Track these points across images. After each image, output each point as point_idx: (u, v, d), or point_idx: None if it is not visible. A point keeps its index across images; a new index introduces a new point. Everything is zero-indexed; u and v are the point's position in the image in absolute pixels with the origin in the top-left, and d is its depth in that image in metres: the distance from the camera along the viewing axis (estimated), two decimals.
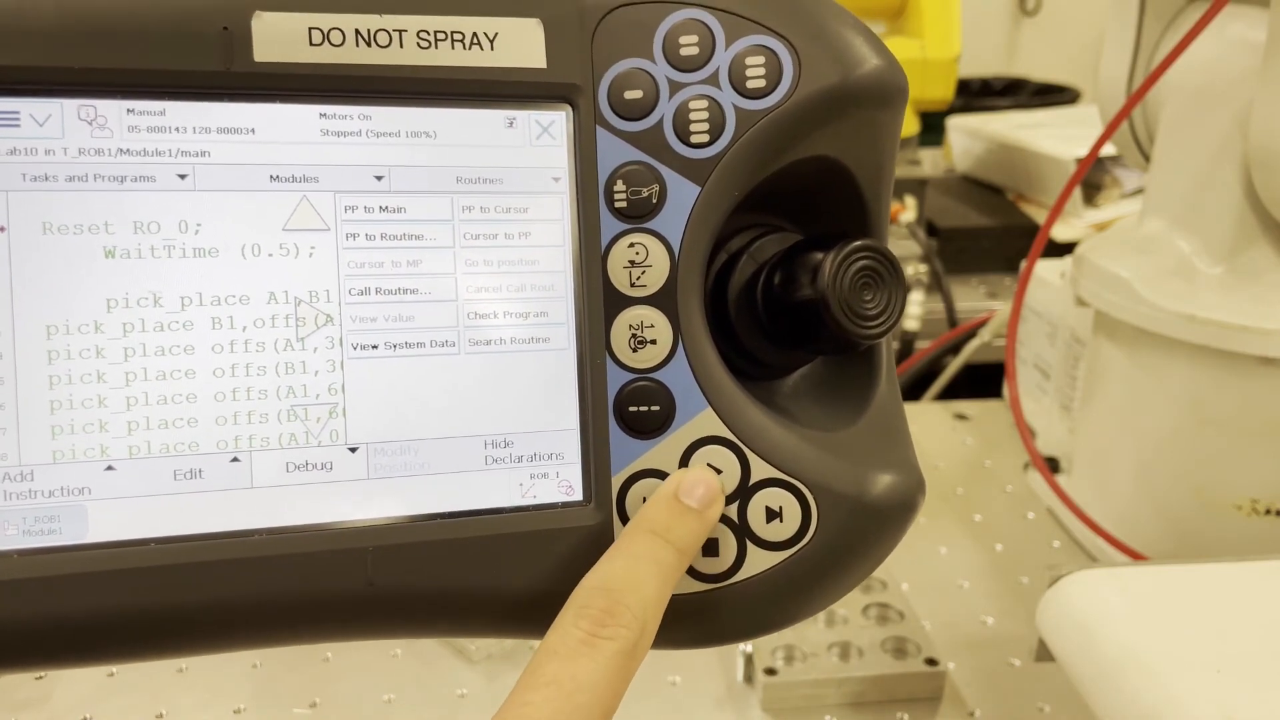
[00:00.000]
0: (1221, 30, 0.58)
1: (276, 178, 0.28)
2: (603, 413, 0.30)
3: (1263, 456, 0.58)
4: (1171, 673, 0.40)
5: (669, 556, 0.28)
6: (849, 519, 0.30)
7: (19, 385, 0.26)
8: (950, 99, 1.12)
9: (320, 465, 0.28)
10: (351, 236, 0.28)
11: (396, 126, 0.29)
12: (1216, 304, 0.57)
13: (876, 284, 0.30)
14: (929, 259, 1.02)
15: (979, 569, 0.68)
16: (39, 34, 0.26)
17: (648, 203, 0.29)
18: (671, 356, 0.30)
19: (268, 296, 0.28)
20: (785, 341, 0.32)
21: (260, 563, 0.27)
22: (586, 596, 0.27)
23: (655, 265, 0.29)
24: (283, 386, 0.28)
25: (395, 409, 0.29)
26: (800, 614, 0.31)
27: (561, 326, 0.30)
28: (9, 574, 0.26)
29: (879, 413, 0.32)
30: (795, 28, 0.29)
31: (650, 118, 0.29)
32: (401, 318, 0.29)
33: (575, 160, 0.30)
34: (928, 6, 1.10)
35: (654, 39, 0.29)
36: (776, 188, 0.31)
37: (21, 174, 0.26)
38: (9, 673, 0.28)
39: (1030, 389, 0.78)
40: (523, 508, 0.30)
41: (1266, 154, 0.55)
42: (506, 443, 0.30)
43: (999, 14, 2.07)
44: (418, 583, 0.28)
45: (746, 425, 0.30)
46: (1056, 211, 0.62)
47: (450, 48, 0.28)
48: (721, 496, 0.30)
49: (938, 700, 0.55)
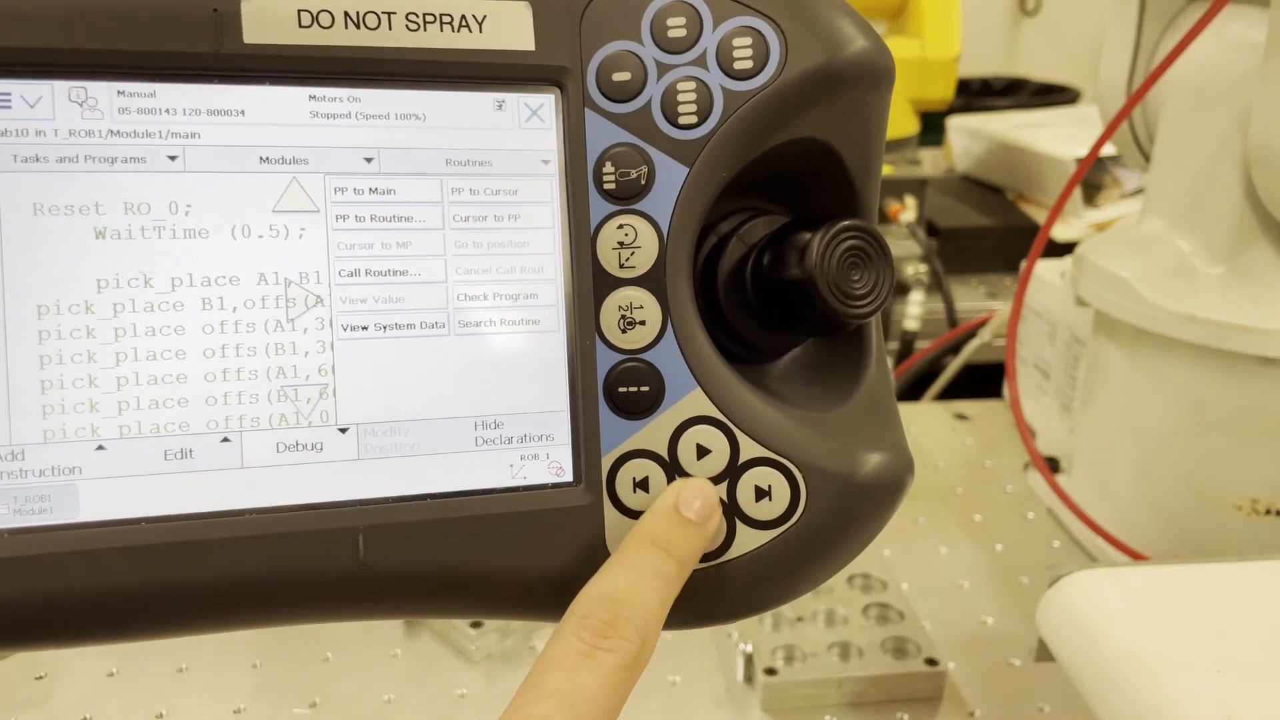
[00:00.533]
0: (1221, 30, 0.58)
1: (266, 159, 0.28)
2: (593, 394, 0.30)
3: (1263, 456, 0.58)
4: (1171, 673, 0.40)
5: (670, 569, 0.29)
6: (838, 498, 0.30)
7: (9, 365, 0.27)
8: (950, 99, 1.12)
9: (311, 445, 0.28)
10: (341, 218, 0.29)
11: (386, 109, 0.29)
12: (1216, 304, 0.57)
13: (864, 263, 0.30)
14: (929, 259, 1.02)
15: (979, 569, 0.68)
16: (31, 16, 0.26)
17: (636, 184, 0.29)
18: (661, 337, 0.30)
19: (258, 277, 0.28)
20: (774, 323, 0.32)
21: (250, 542, 0.28)
22: (588, 607, 0.27)
23: (644, 246, 0.30)
24: (273, 367, 0.28)
25: (386, 390, 0.29)
26: (790, 593, 0.31)
27: (551, 308, 0.30)
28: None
29: (868, 394, 0.32)
30: (782, 9, 0.30)
31: (639, 99, 0.29)
32: (391, 299, 0.29)
33: (564, 142, 0.30)
34: (928, 6, 1.10)
35: (642, 21, 0.29)
36: (766, 171, 0.31)
37: (12, 155, 0.26)
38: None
39: (1030, 389, 0.78)
40: (513, 488, 0.30)
41: (1266, 154, 0.55)
42: (497, 424, 0.30)
43: (999, 14, 2.07)
44: (408, 562, 0.29)
45: (735, 405, 0.30)
46: (1056, 211, 0.62)
47: (439, 30, 0.29)
48: (719, 509, 0.30)
49: (938, 700, 0.55)
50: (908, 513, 0.74)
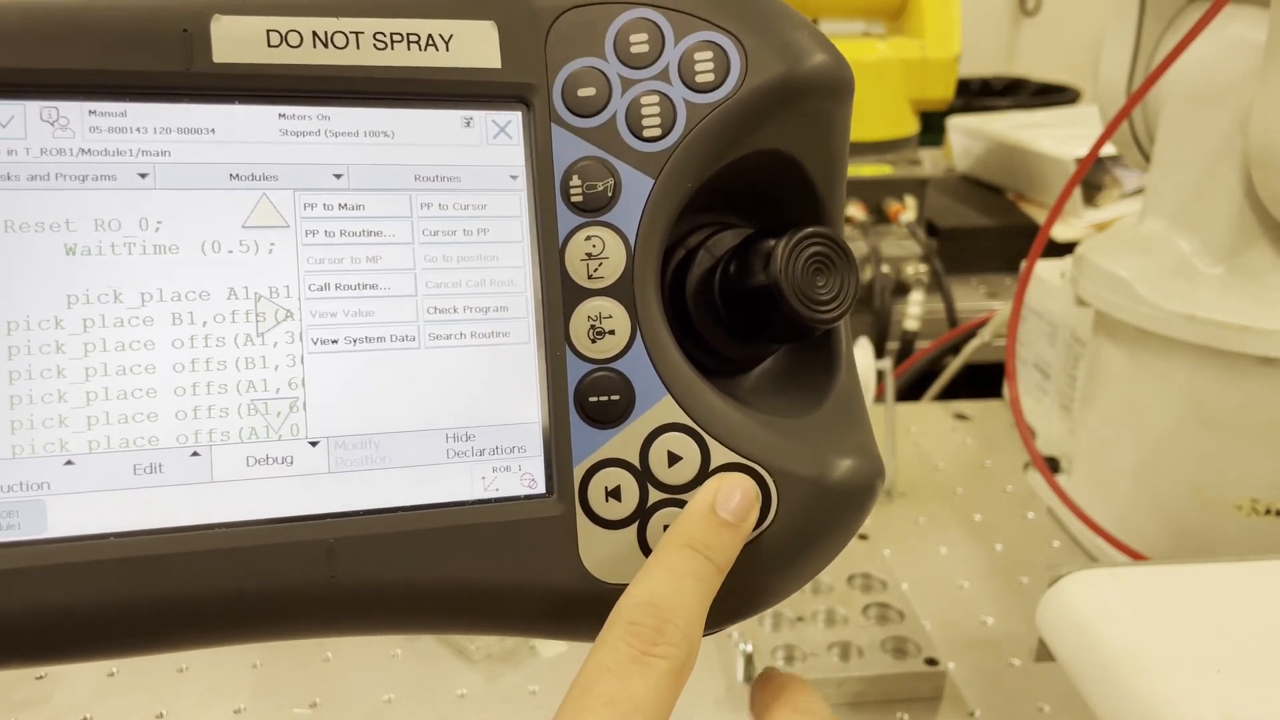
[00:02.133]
0: (1221, 30, 0.58)
1: (236, 176, 0.28)
2: (564, 404, 0.30)
3: (1263, 456, 0.58)
4: (1171, 673, 0.40)
5: (709, 572, 0.28)
6: (809, 502, 0.30)
7: None
8: (950, 99, 1.12)
9: (281, 459, 0.28)
10: (311, 233, 0.29)
11: (355, 126, 0.29)
12: (1216, 304, 0.57)
13: (828, 269, 0.30)
14: (929, 259, 1.02)
15: (979, 569, 0.68)
16: (2, 37, 0.26)
17: (603, 196, 0.30)
18: (630, 346, 0.30)
19: (228, 292, 0.28)
20: (743, 332, 0.32)
21: (221, 556, 0.27)
22: (635, 613, 0.27)
23: (612, 257, 0.30)
24: (243, 381, 0.28)
25: (356, 403, 0.29)
26: (765, 599, 0.32)
27: (521, 320, 0.30)
28: None
29: (839, 400, 0.33)
30: (742, 24, 0.30)
31: (603, 114, 0.30)
32: (361, 313, 0.29)
33: (531, 157, 0.30)
34: (928, 6, 1.10)
35: (605, 38, 0.30)
36: (733, 185, 0.32)
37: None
38: None
39: (1030, 389, 0.78)
40: (485, 500, 0.30)
41: (1266, 154, 0.55)
42: (468, 436, 0.30)
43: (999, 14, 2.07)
44: (381, 575, 0.28)
45: (705, 411, 0.30)
46: (1056, 211, 0.62)
47: (407, 49, 0.29)
48: (757, 504, 0.30)
49: (938, 700, 0.55)
50: (908, 513, 0.74)
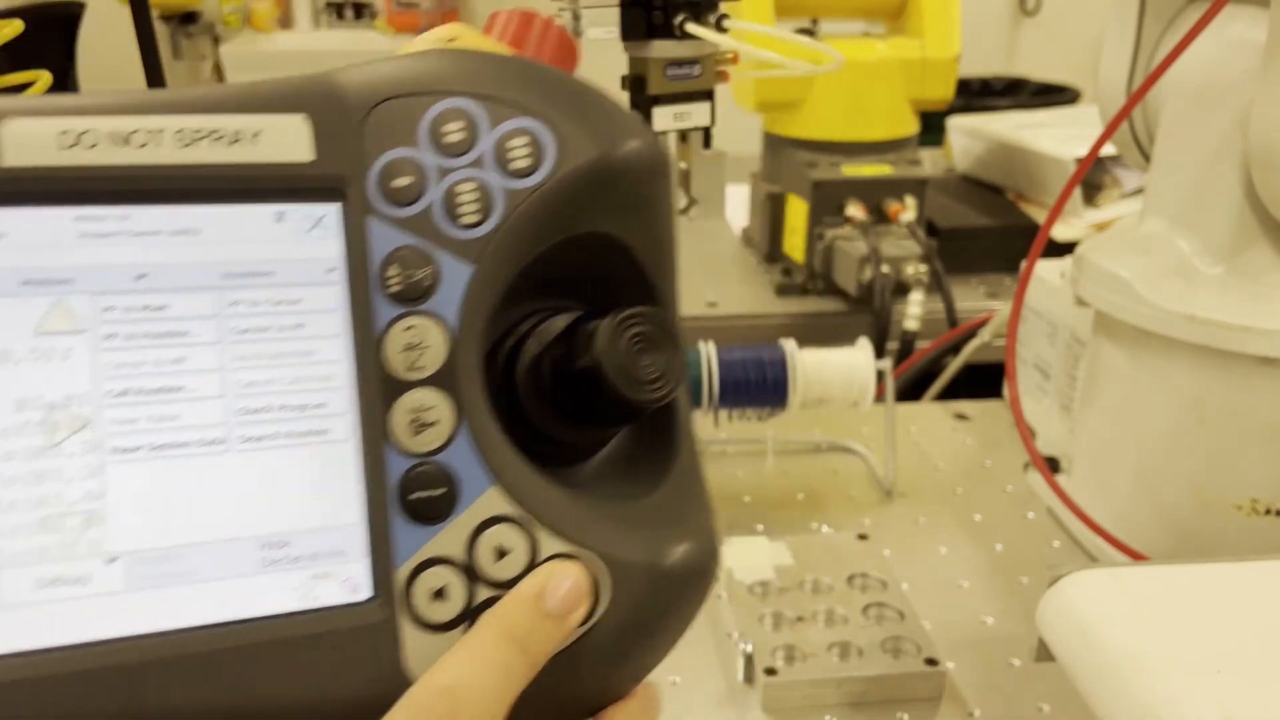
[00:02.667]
0: (1221, 30, 0.58)
1: (29, 281, 0.27)
2: (384, 502, 0.29)
3: (1263, 456, 0.58)
4: (1171, 673, 0.40)
5: (520, 666, 0.28)
6: (643, 589, 0.30)
7: None
8: (950, 99, 1.12)
9: (74, 579, 0.27)
10: (110, 336, 0.28)
11: (158, 225, 0.28)
12: (1216, 304, 0.57)
13: (653, 348, 0.30)
14: (929, 259, 1.02)
15: (979, 569, 0.68)
16: None
17: (421, 285, 0.29)
18: (454, 437, 0.29)
19: (15, 405, 0.27)
20: (574, 416, 0.32)
21: (10, 689, 0.26)
22: (429, 699, 0.26)
23: (433, 346, 0.29)
24: (33, 496, 0.27)
25: (160, 514, 0.28)
26: (606, 689, 0.31)
27: (340, 417, 0.29)
28: None
29: (677, 481, 0.32)
30: (555, 110, 0.31)
31: (420, 202, 0.30)
32: (165, 417, 0.28)
33: (347, 250, 0.29)
34: (928, 6, 1.10)
35: (419, 127, 0.30)
36: (564, 270, 0.32)
37: None
38: None
39: (1030, 389, 0.78)
40: (301, 611, 0.28)
41: (1266, 154, 0.55)
42: (284, 543, 0.29)
43: (999, 14, 2.07)
44: (192, 699, 0.27)
45: (535, 500, 0.30)
46: (1056, 211, 0.62)
47: (211, 145, 0.28)
48: (588, 597, 0.29)
49: (938, 700, 0.55)
50: (908, 513, 0.74)
